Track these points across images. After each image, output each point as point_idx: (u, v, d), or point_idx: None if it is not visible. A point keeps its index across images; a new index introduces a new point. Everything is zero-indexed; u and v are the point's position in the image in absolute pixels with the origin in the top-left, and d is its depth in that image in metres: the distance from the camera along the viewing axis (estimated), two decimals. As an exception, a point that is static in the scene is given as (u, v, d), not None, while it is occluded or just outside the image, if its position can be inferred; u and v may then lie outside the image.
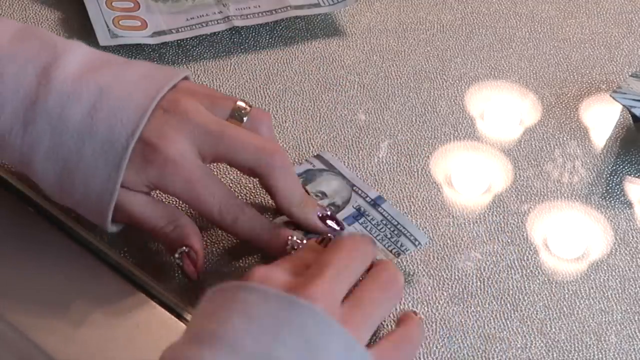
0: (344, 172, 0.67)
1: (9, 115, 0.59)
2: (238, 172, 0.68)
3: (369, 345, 0.55)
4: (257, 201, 0.67)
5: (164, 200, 0.64)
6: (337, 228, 0.63)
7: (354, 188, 0.66)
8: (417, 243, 0.64)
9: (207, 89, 0.64)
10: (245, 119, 0.62)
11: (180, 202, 0.62)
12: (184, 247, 0.60)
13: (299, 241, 0.61)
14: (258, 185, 0.67)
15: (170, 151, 0.59)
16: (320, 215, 0.63)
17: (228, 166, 0.68)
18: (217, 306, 0.52)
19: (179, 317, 0.61)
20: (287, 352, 0.50)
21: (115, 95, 0.59)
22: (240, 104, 0.62)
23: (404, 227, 0.64)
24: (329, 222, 0.63)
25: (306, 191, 0.64)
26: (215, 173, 0.68)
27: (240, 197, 0.67)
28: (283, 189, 0.61)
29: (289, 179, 0.62)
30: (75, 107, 0.59)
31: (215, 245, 0.64)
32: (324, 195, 0.66)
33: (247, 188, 0.68)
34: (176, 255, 0.61)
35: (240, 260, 0.64)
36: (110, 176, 0.58)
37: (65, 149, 0.59)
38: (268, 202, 0.67)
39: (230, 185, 0.68)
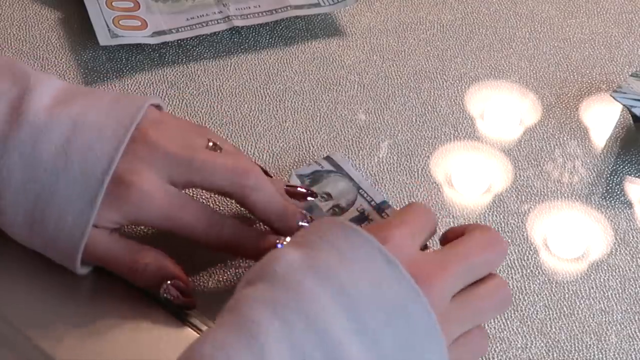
0: (351, 174, 0.67)
1: None
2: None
3: None
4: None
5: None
6: None
7: (360, 191, 0.66)
8: None
9: (173, 118, 0.63)
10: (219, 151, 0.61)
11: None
12: (168, 281, 0.59)
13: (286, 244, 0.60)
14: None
15: (143, 185, 0.58)
16: (301, 224, 0.62)
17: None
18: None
19: (180, 317, 0.61)
20: None
21: (88, 127, 0.58)
22: (211, 143, 0.62)
23: None
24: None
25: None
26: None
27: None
28: (261, 207, 0.61)
29: (266, 196, 0.61)
30: (48, 140, 0.57)
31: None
32: (329, 196, 0.66)
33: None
34: (162, 291, 0.59)
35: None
36: (83, 211, 0.57)
37: (38, 183, 0.57)
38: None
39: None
